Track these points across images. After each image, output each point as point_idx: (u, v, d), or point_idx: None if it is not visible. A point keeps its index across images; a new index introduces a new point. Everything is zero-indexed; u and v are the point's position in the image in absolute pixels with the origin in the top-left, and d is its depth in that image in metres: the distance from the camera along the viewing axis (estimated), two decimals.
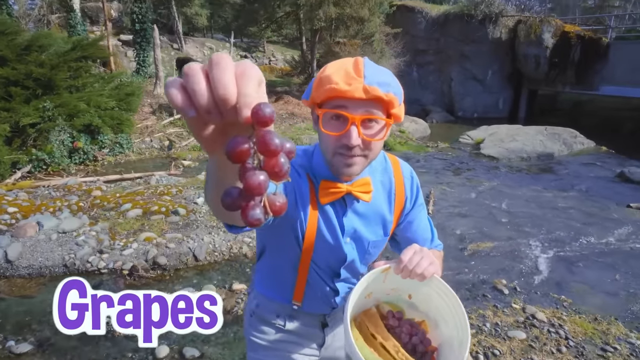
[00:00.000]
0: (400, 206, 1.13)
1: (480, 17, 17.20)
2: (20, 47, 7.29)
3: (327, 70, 0.90)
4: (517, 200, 6.34)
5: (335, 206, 1.05)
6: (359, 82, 0.86)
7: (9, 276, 3.73)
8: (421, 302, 1.06)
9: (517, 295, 3.56)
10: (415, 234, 1.17)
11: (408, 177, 1.14)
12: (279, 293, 1.19)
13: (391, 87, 0.90)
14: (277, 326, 1.21)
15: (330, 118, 0.91)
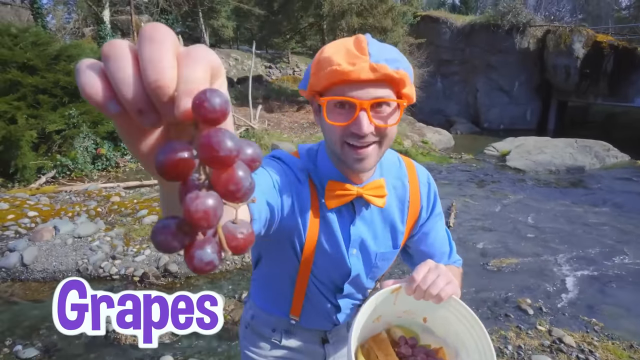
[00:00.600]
0: (414, 216, 1.00)
1: (507, 27, 16.87)
2: (50, 57, 7.54)
3: (326, 51, 0.78)
4: (545, 214, 6.04)
5: (342, 212, 0.93)
6: (364, 61, 0.74)
7: (24, 280, 3.76)
8: (438, 326, 0.91)
9: (543, 317, 3.32)
10: (432, 247, 1.04)
11: (425, 183, 1.01)
12: (275, 306, 1.08)
13: (400, 63, 0.78)
14: (273, 341, 1.10)
15: (335, 106, 0.79)
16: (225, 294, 3.55)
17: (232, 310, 3.31)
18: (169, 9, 12.58)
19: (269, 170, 0.86)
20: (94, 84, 0.26)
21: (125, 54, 0.26)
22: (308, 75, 0.83)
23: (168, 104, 0.26)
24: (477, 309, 3.39)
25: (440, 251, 1.05)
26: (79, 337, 3.01)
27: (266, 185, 0.82)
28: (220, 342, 2.99)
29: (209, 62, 0.28)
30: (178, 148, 0.26)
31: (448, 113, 18.69)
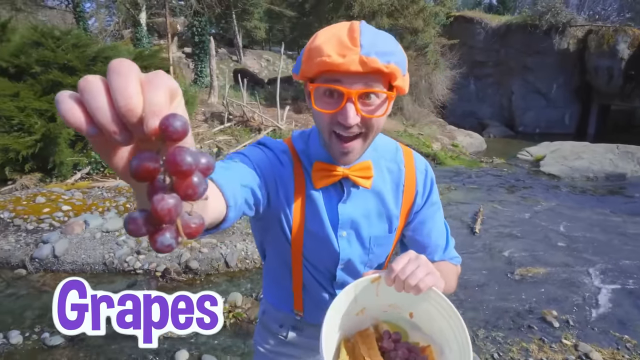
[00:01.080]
0: (409, 200, 0.98)
1: (545, 28, 16.27)
2: (89, 58, 7.87)
3: (318, 39, 0.77)
4: (579, 223, 5.76)
5: (330, 192, 0.93)
6: (355, 53, 0.73)
7: (55, 270, 3.93)
8: (424, 322, 0.87)
9: (569, 330, 3.16)
10: (427, 238, 1.01)
11: (422, 170, 1.00)
12: (281, 301, 1.10)
13: (393, 55, 0.76)
14: (280, 337, 1.12)
15: (323, 94, 0.79)
16: (243, 293, 3.59)
17: (248, 309, 3.34)
18: (202, 11, 12.90)
19: (249, 156, 0.88)
20: (74, 112, 0.31)
21: (97, 86, 0.32)
22: (300, 60, 0.82)
23: (137, 124, 0.32)
24: (498, 319, 3.28)
25: (435, 243, 1.01)
26: None
27: (242, 171, 0.83)
28: (236, 340, 3.02)
29: (168, 86, 0.33)
30: (147, 157, 0.33)
31: (481, 116, 18.22)
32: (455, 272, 1.03)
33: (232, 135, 9.98)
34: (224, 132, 10.14)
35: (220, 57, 19.88)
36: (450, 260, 1.03)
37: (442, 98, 15.02)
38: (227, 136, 9.97)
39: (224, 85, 11.76)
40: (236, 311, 3.26)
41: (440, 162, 9.47)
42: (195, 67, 13.68)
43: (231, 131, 10.15)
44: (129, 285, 3.74)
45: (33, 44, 7.67)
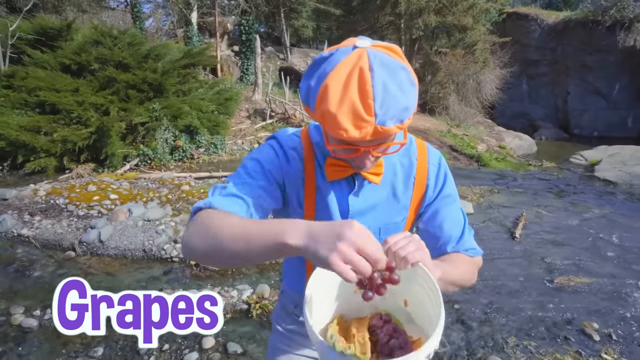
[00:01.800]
0: (420, 192, 1.01)
1: (608, 23, 15.19)
2: (141, 55, 8.33)
3: (330, 101, 0.74)
4: (633, 233, 5.35)
5: (341, 185, 0.97)
6: (370, 125, 0.73)
7: (100, 254, 4.20)
8: (416, 312, 0.88)
9: (612, 345, 2.95)
10: (439, 229, 1.00)
11: (435, 163, 1.02)
12: (296, 283, 1.15)
13: (407, 111, 0.76)
14: (294, 316, 1.18)
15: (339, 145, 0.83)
16: (271, 285, 3.65)
17: (275, 301, 3.40)
18: (249, 10, 13.22)
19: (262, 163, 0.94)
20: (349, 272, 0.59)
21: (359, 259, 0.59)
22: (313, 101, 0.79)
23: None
24: (532, 328, 3.12)
25: (448, 234, 1.00)
26: None
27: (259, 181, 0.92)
28: (261, 330, 3.09)
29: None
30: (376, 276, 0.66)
31: (533, 117, 17.34)
32: (470, 263, 1.01)
33: (272, 132, 10.18)
34: (265, 129, 10.36)
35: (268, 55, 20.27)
36: (465, 251, 1.01)
37: (490, 98, 14.45)
38: (268, 132, 10.17)
39: (269, 83, 12.00)
40: (263, 302, 3.33)
41: (484, 163, 9.12)
42: (242, 64, 14.05)
43: (272, 128, 10.34)
44: (165, 272, 3.92)
45: (93, 42, 8.24)
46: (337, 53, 0.77)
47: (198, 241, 0.76)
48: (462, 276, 0.94)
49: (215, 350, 2.86)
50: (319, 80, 0.77)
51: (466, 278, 0.96)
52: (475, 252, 1.02)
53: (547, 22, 16.73)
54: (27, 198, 5.26)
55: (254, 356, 2.82)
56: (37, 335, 2.95)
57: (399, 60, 0.76)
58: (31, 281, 3.73)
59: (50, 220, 4.68)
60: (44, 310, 3.23)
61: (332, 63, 0.76)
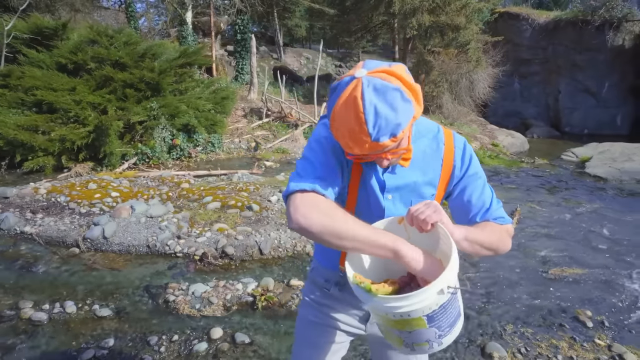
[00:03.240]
0: (448, 171, 1.13)
1: (598, 23, 15.44)
2: (138, 55, 8.35)
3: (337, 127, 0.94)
4: (623, 226, 5.51)
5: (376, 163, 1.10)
6: (367, 142, 0.90)
7: (104, 250, 4.25)
8: (444, 260, 0.98)
9: (604, 331, 3.08)
10: (468, 203, 1.12)
11: (460, 146, 1.14)
12: (328, 258, 1.27)
13: (399, 126, 0.90)
14: (324, 290, 1.28)
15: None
16: (275, 279, 3.73)
17: (279, 294, 3.48)
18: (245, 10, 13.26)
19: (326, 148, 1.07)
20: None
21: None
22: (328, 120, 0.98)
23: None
24: (528, 316, 3.24)
25: (476, 206, 1.11)
26: (145, 303, 3.37)
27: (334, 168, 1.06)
28: (267, 321, 3.17)
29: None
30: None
31: (525, 115, 17.58)
32: (499, 229, 1.09)
33: (269, 131, 10.23)
34: (262, 127, 10.41)
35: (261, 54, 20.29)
36: (494, 220, 1.10)
37: (483, 97, 14.62)
38: (265, 131, 10.24)
39: (264, 82, 12.05)
40: (268, 294, 3.41)
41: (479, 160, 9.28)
42: (237, 64, 14.09)
43: (269, 126, 10.41)
44: (170, 267, 3.99)
45: (89, 42, 8.24)
46: (341, 83, 0.93)
47: (321, 220, 0.90)
48: (489, 239, 1.04)
49: (224, 340, 2.94)
50: (331, 105, 0.95)
51: (494, 242, 1.05)
52: (504, 220, 1.12)
53: (538, 21, 16.96)
54: (28, 196, 5.29)
55: (261, 346, 2.90)
56: (47, 328, 3.00)
57: (393, 83, 0.89)
58: (37, 277, 3.77)
59: (53, 218, 4.72)
60: (52, 304, 3.28)
61: (338, 92, 0.93)
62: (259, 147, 9.35)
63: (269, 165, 8.30)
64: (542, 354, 2.74)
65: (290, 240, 4.39)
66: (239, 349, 2.86)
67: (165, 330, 3.02)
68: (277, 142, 9.61)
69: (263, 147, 9.42)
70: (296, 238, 4.43)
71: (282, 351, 2.85)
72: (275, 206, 5.23)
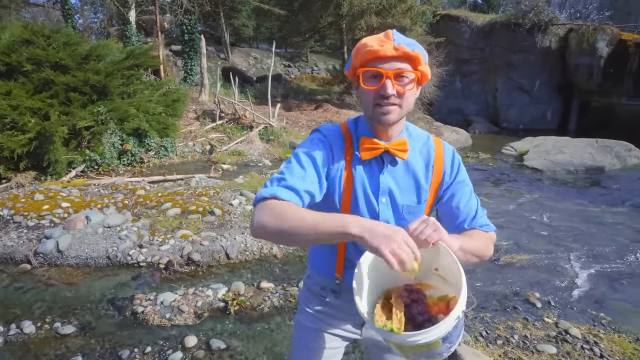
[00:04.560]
0: (438, 177, 1.18)
1: (528, 26, 16.66)
2: (81, 56, 7.90)
3: (363, 40, 1.06)
4: (560, 213, 6.06)
5: (372, 165, 1.15)
6: (389, 44, 1.02)
7: (59, 265, 4.04)
8: (447, 274, 1.02)
9: (551, 310, 3.41)
10: (456, 209, 1.17)
11: (449, 154, 1.20)
12: (325, 266, 1.29)
13: (416, 46, 1.05)
14: (320, 297, 1.31)
15: (369, 77, 1.06)
16: (245, 282, 3.75)
17: (251, 297, 3.51)
18: (192, 9, 12.91)
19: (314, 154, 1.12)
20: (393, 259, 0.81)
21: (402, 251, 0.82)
22: (351, 59, 1.10)
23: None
24: (486, 301, 3.51)
25: (464, 213, 1.16)
26: (111, 316, 3.26)
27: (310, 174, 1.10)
28: (240, 325, 3.18)
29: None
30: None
31: (467, 112, 18.57)
32: (485, 237, 1.14)
33: (224, 133, 10.08)
34: (216, 130, 10.23)
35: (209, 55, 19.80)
36: (480, 227, 1.16)
37: (429, 95, 15.29)
38: (219, 133, 10.07)
39: (214, 83, 11.83)
40: (240, 299, 3.43)
41: None
42: (185, 65, 13.70)
43: (223, 128, 10.25)
44: (134, 278, 3.87)
45: (23, 42, 7.67)
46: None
47: (273, 223, 0.94)
48: (478, 247, 1.08)
49: (199, 348, 2.92)
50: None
51: (482, 249, 1.10)
52: (489, 228, 1.19)
53: (476, 23, 17.99)
54: None
55: (238, 350, 2.92)
56: (3, 352, 2.83)
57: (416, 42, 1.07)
58: None
59: None
60: (7, 325, 3.10)
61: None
62: (214, 150, 9.19)
63: (226, 168, 8.19)
64: (500, 335, 3.00)
65: (257, 243, 4.41)
66: (216, 355, 2.86)
67: (137, 343, 2.95)
68: (232, 144, 9.50)
69: (218, 150, 9.28)
70: (262, 241, 4.45)
71: (259, 354, 2.89)
72: (237, 210, 5.21)
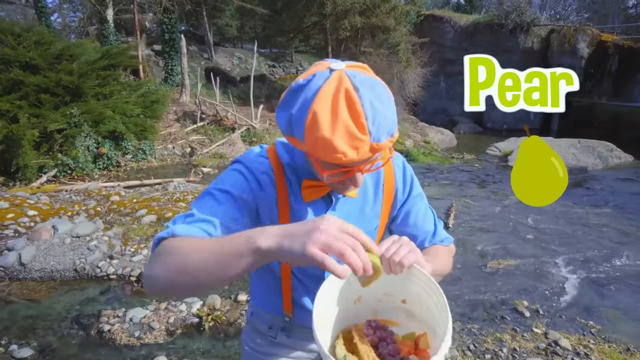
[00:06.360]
0: (390, 197, 1.03)
1: (511, 27, 16.78)
2: (53, 56, 7.58)
3: (322, 127, 0.71)
4: (545, 215, 6.00)
5: (318, 203, 0.95)
6: (366, 144, 0.72)
7: (22, 279, 3.78)
8: (416, 306, 0.89)
9: (540, 319, 3.30)
10: (414, 227, 1.05)
11: (399, 165, 1.04)
12: (270, 304, 1.11)
13: (395, 123, 0.77)
14: (269, 338, 1.12)
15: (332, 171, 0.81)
16: (221, 295, 3.55)
17: (227, 311, 3.32)
18: (172, 8, 12.60)
19: (232, 193, 0.88)
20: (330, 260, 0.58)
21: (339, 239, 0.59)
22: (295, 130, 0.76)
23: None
24: (473, 311, 3.38)
25: (423, 230, 1.05)
26: (74, 336, 3.03)
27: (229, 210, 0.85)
28: (215, 342, 2.99)
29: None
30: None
31: (451, 113, 18.62)
32: (447, 252, 1.06)
33: (205, 135, 9.83)
34: (197, 132, 9.97)
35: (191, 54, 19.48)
36: (440, 242, 1.07)
37: (413, 96, 15.28)
38: (201, 135, 9.82)
39: (196, 84, 11.56)
40: (215, 314, 3.23)
41: (413, 158, 9.64)
42: (166, 65, 13.37)
43: (204, 130, 9.99)
44: (102, 292, 3.64)
45: None
46: (314, 78, 0.74)
47: (161, 270, 0.69)
48: (443, 265, 0.99)
49: None
50: (302, 107, 0.73)
51: (446, 266, 1.02)
52: (449, 241, 1.09)
53: (460, 24, 18.06)
54: None
55: None
56: None
57: (374, 77, 0.77)
58: None
59: None
60: None
61: (313, 88, 0.73)
62: (195, 153, 8.94)
63: (206, 171, 7.95)
64: (489, 348, 2.87)
65: None
66: None
67: None
68: (213, 146, 9.25)
69: (199, 153, 9.02)
70: None
71: None
72: None
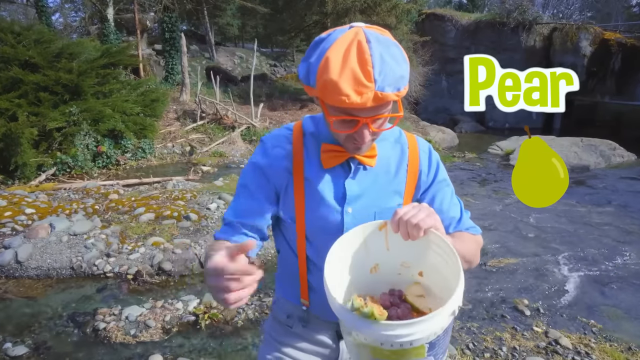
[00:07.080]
0: (414, 177, 1.03)
1: (513, 25, 16.69)
2: (52, 54, 7.56)
3: (331, 70, 0.77)
4: (547, 214, 5.95)
5: (337, 171, 0.98)
6: (370, 90, 0.77)
7: (18, 277, 3.76)
8: (433, 282, 0.88)
9: (540, 318, 3.25)
10: (439, 212, 1.01)
11: (425, 150, 1.05)
12: (290, 290, 1.14)
13: (402, 79, 0.80)
14: (286, 326, 1.15)
15: (339, 120, 0.85)
16: None
17: (224, 310, 3.28)
18: (172, 7, 12.58)
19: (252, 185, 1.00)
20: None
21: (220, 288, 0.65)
22: (314, 77, 0.82)
23: None
24: (473, 310, 3.34)
25: (448, 216, 1.03)
26: (69, 334, 3.00)
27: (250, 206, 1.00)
28: (211, 341, 2.96)
29: None
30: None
31: (453, 112, 18.53)
32: (474, 240, 1.04)
33: (205, 134, 9.80)
34: (196, 130, 9.95)
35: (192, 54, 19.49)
36: (467, 230, 1.05)
37: (415, 94, 15.20)
38: (200, 134, 9.80)
39: (196, 82, 11.53)
40: (212, 312, 3.20)
41: None
42: (166, 64, 13.36)
43: (204, 129, 9.97)
44: (99, 290, 3.61)
45: None
46: (334, 32, 0.81)
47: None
48: (469, 251, 0.97)
49: None
50: (319, 56, 0.80)
51: (472, 253, 0.99)
52: (475, 230, 1.06)
53: (461, 22, 17.97)
54: None
55: None
56: None
57: (391, 39, 0.82)
58: None
59: None
60: None
61: (331, 40, 0.80)
62: (195, 152, 8.91)
63: (206, 170, 7.93)
64: (488, 347, 2.83)
65: None
66: None
67: None
68: (213, 145, 9.23)
69: (199, 151, 9.00)
70: None
71: None
72: (215, 214, 4.97)
